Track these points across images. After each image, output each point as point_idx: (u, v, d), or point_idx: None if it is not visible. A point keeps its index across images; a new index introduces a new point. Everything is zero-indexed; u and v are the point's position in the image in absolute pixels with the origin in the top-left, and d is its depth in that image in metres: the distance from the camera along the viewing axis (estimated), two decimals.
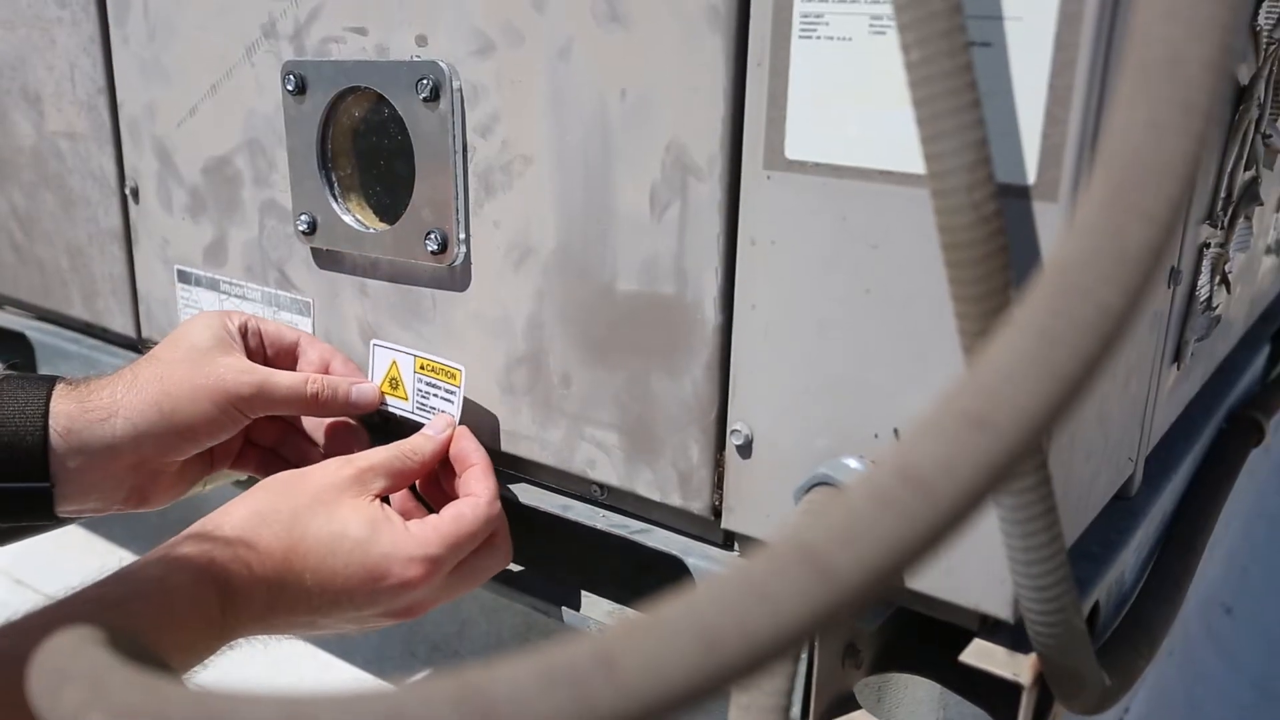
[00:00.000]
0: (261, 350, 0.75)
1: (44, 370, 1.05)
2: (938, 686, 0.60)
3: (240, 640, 0.59)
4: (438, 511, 0.64)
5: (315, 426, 0.77)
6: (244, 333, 0.73)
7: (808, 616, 0.23)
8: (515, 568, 0.74)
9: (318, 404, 0.71)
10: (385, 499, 0.65)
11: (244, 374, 0.68)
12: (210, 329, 0.71)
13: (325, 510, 0.61)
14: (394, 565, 0.61)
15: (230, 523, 0.60)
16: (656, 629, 0.23)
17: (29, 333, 1.05)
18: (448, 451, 0.68)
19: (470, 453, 0.68)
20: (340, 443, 0.75)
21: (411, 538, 0.62)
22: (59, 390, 0.67)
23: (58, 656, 0.32)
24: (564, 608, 0.70)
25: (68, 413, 0.66)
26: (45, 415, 0.65)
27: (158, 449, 0.68)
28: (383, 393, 0.74)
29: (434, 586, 0.63)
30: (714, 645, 0.23)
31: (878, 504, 0.24)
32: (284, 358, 0.76)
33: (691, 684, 0.23)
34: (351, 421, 0.76)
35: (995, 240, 0.43)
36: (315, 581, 0.60)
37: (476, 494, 0.65)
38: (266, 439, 0.77)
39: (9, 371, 0.69)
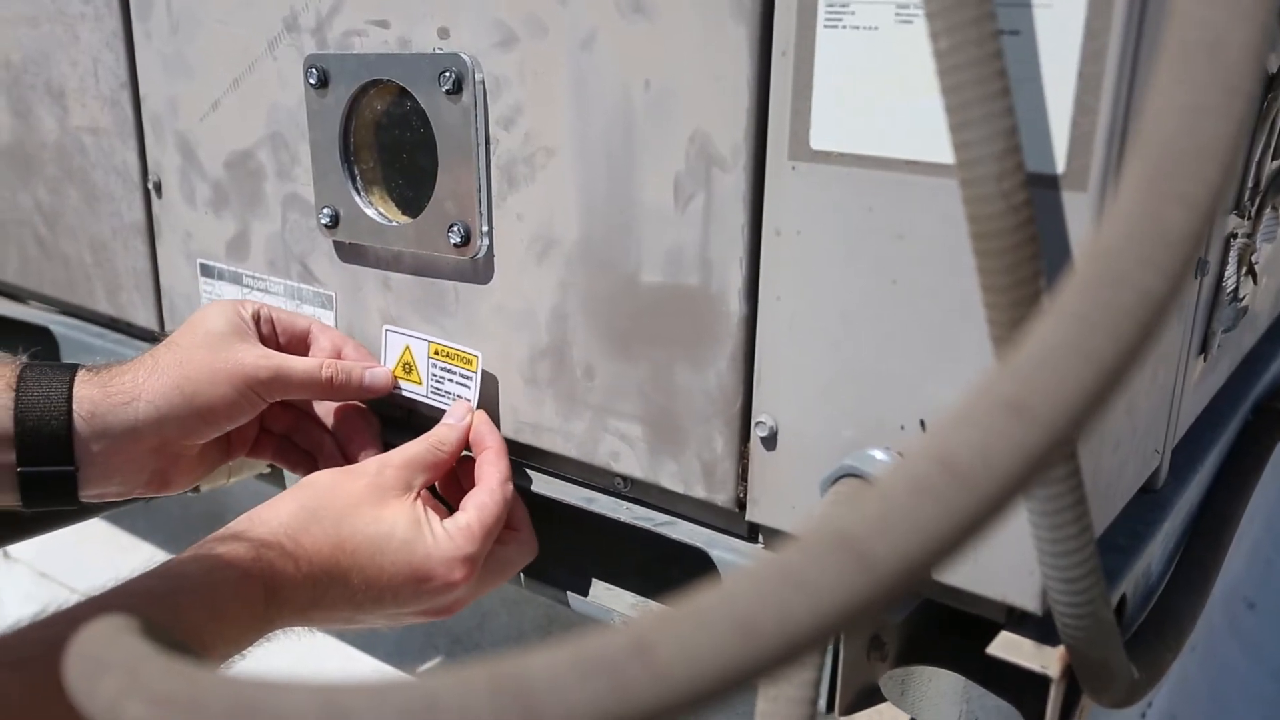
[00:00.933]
0: (274, 337, 0.76)
1: None
2: (962, 679, 0.60)
3: (278, 632, 0.60)
4: (449, 501, 0.65)
5: (325, 413, 0.78)
6: (257, 320, 0.74)
7: (846, 605, 0.23)
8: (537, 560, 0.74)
9: (332, 388, 0.72)
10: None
11: (261, 358, 0.70)
12: (225, 316, 0.72)
13: (372, 510, 0.62)
14: (438, 566, 0.62)
15: (277, 519, 0.61)
16: (693, 617, 0.23)
17: (53, 327, 1.06)
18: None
19: (485, 435, 0.69)
20: (351, 428, 0.76)
21: (451, 539, 0.63)
22: (81, 376, 0.68)
23: (94, 645, 0.32)
24: (587, 600, 0.70)
25: (90, 397, 0.67)
26: (69, 400, 0.66)
27: (179, 431, 0.69)
28: (396, 377, 0.74)
29: (472, 584, 0.64)
30: (751, 633, 0.23)
31: (916, 492, 0.24)
32: (296, 344, 0.77)
33: (728, 672, 0.23)
34: (362, 406, 0.77)
35: (1025, 230, 0.42)
36: (361, 580, 0.61)
37: (489, 479, 0.66)
38: (280, 425, 0.78)
39: (27, 359, 0.70)
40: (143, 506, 0.78)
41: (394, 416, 0.80)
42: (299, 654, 1.12)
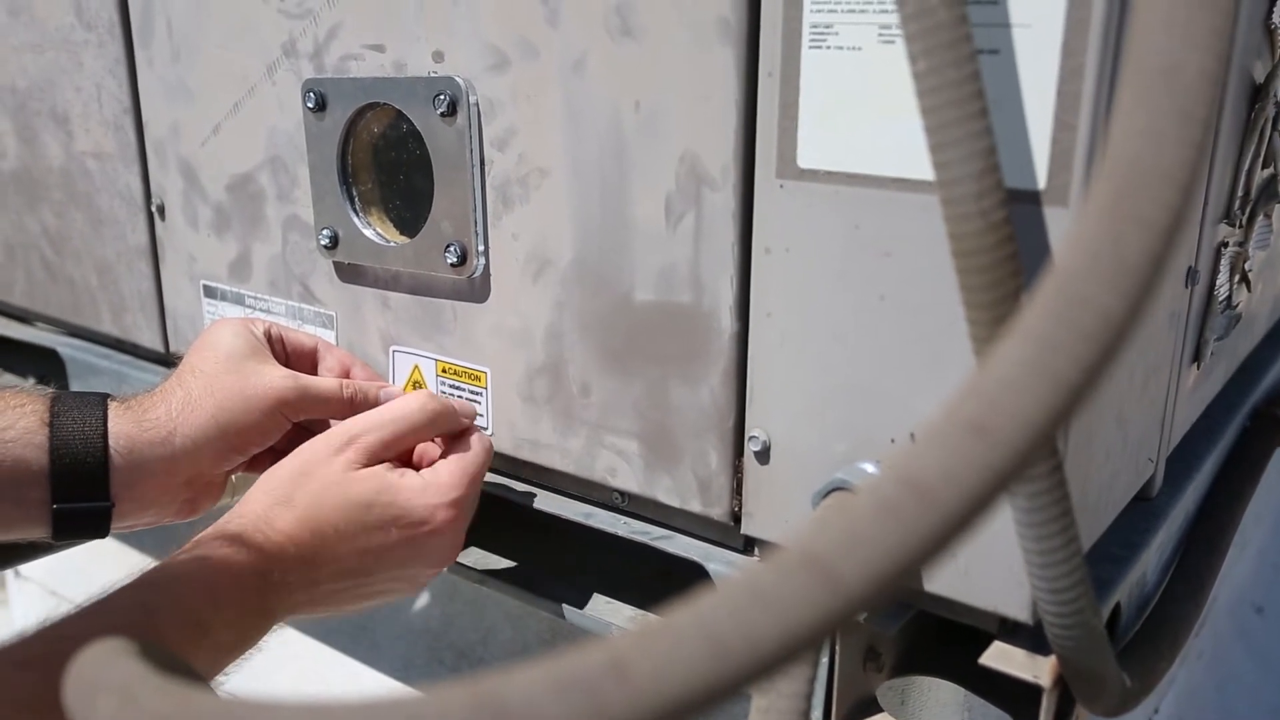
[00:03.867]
0: (284, 355, 0.76)
1: (75, 386, 1.07)
2: (962, 690, 0.60)
3: (286, 618, 0.62)
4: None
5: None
6: (269, 338, 0.75)
7: (813, 622, 0.24)
8: (537, 575, 0.75)
9: (352, 406, 0.72)
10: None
11: (288, 379, 0.70)
12: (242, 336, 0.72)
13: (339, 487, 0.63)
14: (420, 511, 0.64)
15: (252, 511, 0.62)
16: (667, 635, 0.24)
17: (60, 349, 1.07)
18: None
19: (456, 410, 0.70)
20: None
21: (428, 485, 0.65)
22: (114, 409, 0.68)
23: (91, 667, 0.33)
24: (586, 614, 0.71)
25: (127, 433, 0.67)
26: (104, 436, 0.67)
27: (213, 462, 0.70)
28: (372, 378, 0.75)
29: (467, 516, 0.67)
30: (721, 651, 0.23)
31: (881, 511, 0.24)
32: (303, 362, 0.77)
33: (700, 688, 0.23)
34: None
35: (1005, 247, 0.43)
36: (350, 551, 0.63)
37: (467, 435, 0.69)
38: (282, 442, 0.78)
39: (54, 390, 0.70)
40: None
41: None
42: (303, 669, 1.12)
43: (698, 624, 0.24)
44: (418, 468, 0.68)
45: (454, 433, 0.69)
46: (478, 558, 0.77)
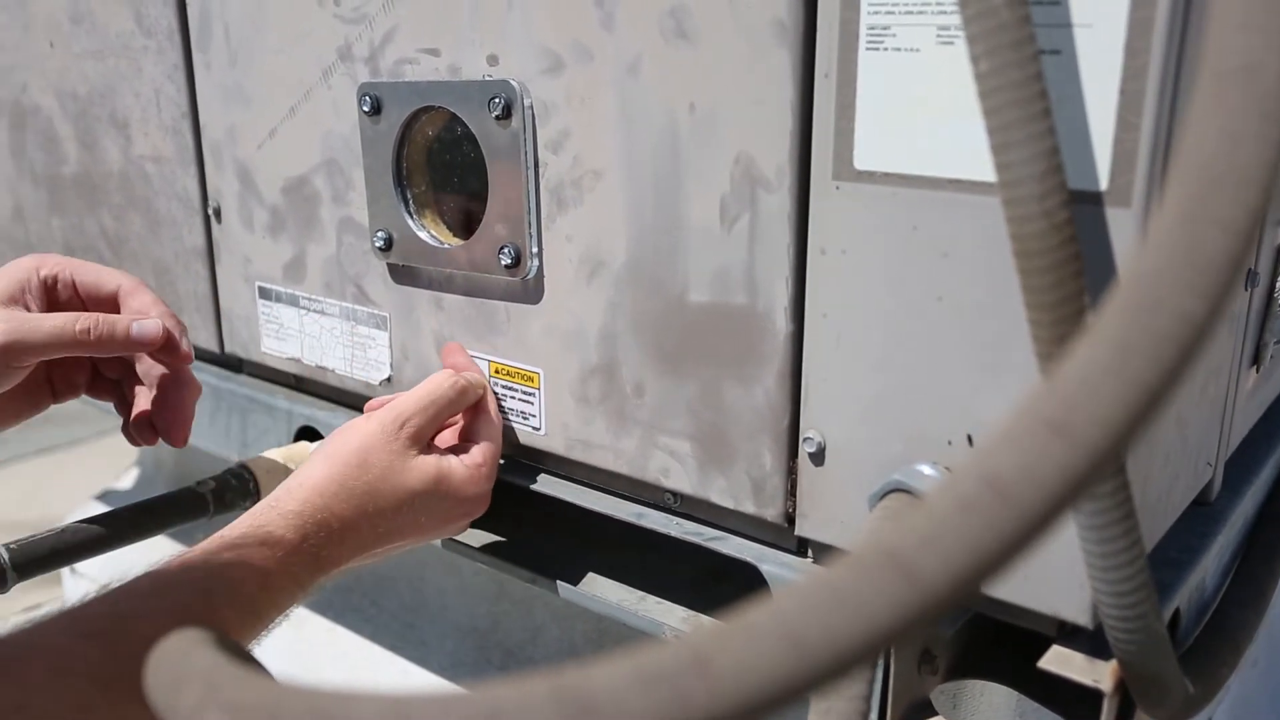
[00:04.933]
0: (76, 300, 0.73)
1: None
2: (1014, 693, 0.60)
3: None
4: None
5: (147, 372, 0.76)
6: (52, 283, 0.72)
7: (893, 621, 0.24)
8: (588, 574, 0.76)
9: (91, 341, 0.68)
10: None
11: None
12: (8, 280, 0.70)
13: (398, 476, 0.68)
14: (469, 503, 0.72)
15: (313, 499, 0.65)
16: (746, 632, 0.24)
17: None
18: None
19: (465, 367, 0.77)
20: (172, 394, 0.74)
21: (470, 471, 0.71)
22: None
23: (173, 657, 0.34)
24: (639, 614, 0.71)
25: None
26: None
27: None
28: (171, 328, 0.71)
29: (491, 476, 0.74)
30: (801, 648, 0.24)
31: (962, 510, 0.24)
32: (103, 305, 0.73)
33: (780, 685, 0.24)
34: (181, 375, 0.75)
35: (1068, 248, 0.43)
36: (399, 531, 0.69)
37: (483, 407, 0.76)
38: (113, 372, 0.77)
39: None
40: (205, 524, 0.80)
41: None
42: (353, 666, 1.13)
43: (777, 621, 0.24)
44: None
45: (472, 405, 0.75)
46: (526, 556, 0.78)
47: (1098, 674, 0.53)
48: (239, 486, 0.81)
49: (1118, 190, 0.47)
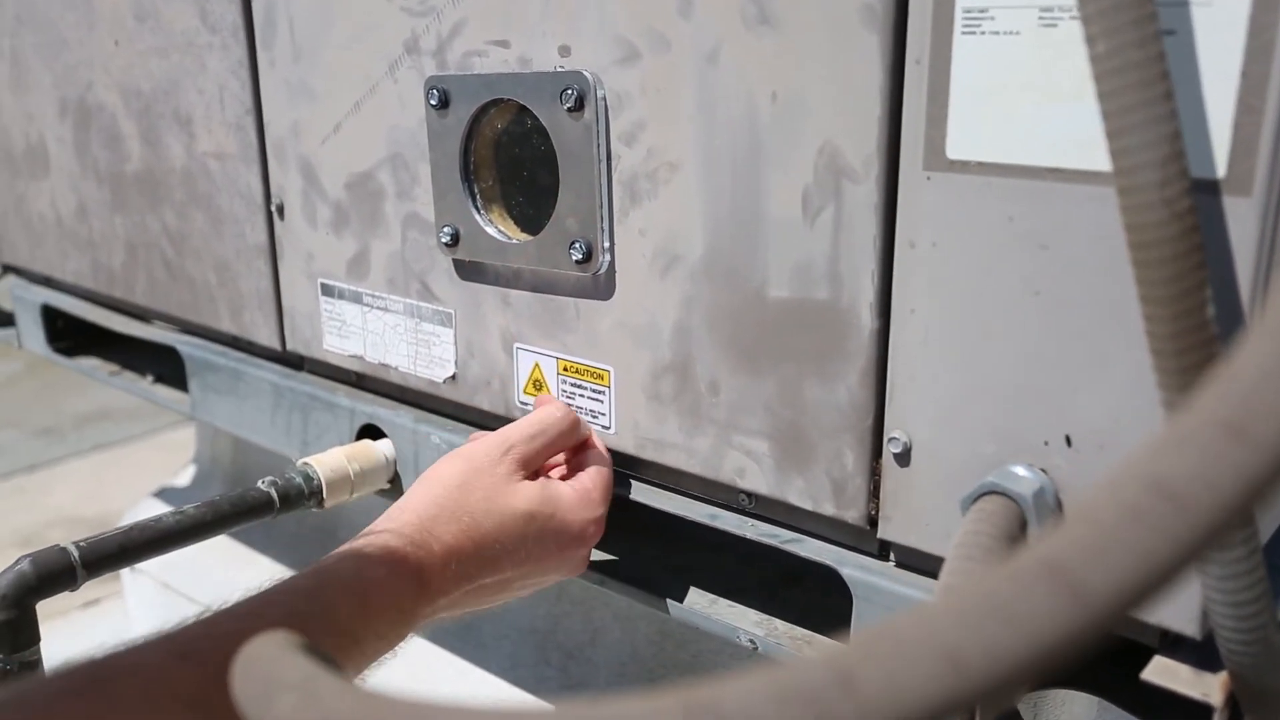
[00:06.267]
0: None
1: (192, 383, 1.09)
2: (1095, 700, 0.57)
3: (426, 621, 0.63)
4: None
5: None
6: None
7: (1058, 639, 0.22)
8: (659, 576, 0.74)
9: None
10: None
11: None
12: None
13: (503, 499, 0.65)
14: (575, 537, 0.68)
15: (412, 521, 0.63)
16: (896, 648, 0.22)
17: (179, 346, 1.10)
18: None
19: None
20: None
21: (581, 503, 0.68)
22: None
23: (263, 662, 0.33)
24: (711, 617, 0.70)
25: None
26: None
27: None
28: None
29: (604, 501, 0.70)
30: (958, 665, 0.22)
31: (1131, 519, 0.22)
32: None
33: (935, 705, 0.22)
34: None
35: (1189, 239, 0.41)
36: (509, 561, 0.65)
37: (592, 443, 0.72)
38: None
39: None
40: (261, 523, 0.80)
41: None
42: (411, 667, 1.13)
43: (930, 636, 0.22)
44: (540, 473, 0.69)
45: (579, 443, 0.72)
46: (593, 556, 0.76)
47: (1206, 687, 0.50)
48: (302, 486, 0.80)
49: (1237, 178, 0.44)
